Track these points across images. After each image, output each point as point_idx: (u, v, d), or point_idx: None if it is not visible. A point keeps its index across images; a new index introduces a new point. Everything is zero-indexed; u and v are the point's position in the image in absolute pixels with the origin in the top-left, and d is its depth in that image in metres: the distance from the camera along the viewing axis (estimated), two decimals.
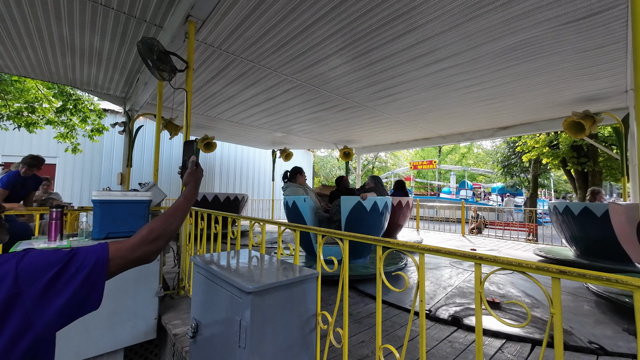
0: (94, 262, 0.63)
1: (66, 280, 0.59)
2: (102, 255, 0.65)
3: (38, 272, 0.57)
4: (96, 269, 0.63)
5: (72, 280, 0.59)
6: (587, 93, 4.19)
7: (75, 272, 0.60)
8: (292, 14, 2.63)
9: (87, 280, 0.61)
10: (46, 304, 0.56)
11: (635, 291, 0.65)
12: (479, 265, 0.90)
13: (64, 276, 0.59)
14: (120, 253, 0.69)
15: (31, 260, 0.58)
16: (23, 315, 0.54)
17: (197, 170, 0.99)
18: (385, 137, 7.66)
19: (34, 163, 3.30)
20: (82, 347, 1.85)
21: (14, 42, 3.35)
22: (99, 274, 0.63)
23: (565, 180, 19.94)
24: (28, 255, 0.59)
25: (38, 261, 0.58)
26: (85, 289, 0.61)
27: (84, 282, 0.61)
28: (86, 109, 6.89)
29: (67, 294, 0.58)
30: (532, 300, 2.70)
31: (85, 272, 0.61)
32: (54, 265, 0.59)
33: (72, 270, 0.60)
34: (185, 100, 2.49)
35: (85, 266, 0.62)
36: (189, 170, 1.00)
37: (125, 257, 0.69)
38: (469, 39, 2.89)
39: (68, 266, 0.60)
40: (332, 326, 1.32)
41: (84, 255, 0.63)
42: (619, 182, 10.27)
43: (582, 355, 1.77)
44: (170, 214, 0.83)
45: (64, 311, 0.58)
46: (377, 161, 27.55)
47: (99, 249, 0.66)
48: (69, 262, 0.61)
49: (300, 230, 1.58)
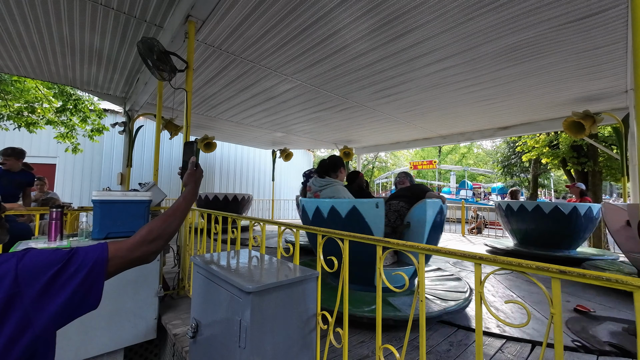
0: (93, 262, 0.63)
1: (65, 280, 0.59)
2: (101, 255, 0.65)
3: (38, 272, 0.57)
4: (95, 268, 0.63)
5: (72, 279, 0.60)
6: (587, 93, 4.19)
7: (74, 271, 0.60)
8: (292, 14, 2.63)
9: (87, 279, 0.61)
10: (45, 303, 0.56)
11: (635, 291, 0.65)
12: (478, 265, 0.90)
13: (63, 275, 0.59)
14: (120, 253, 0.69)
15: (31, 260, 0.58)
16: (22, 314, 0.54)
17: (197, 171, 1.00)
18: (385, 137, 7.67)
19: (8, 152, 3.18)
20: (82, 347, 1.85)
21: (14, 42, 3.35)
22: (98, 273, 0.63)
23: (565, 180, 19.93)
24: (28, 254, 0.59)
25: (38, 260, 0.58)
26: (84, 288, 0.61)
27: (83, 282, 0.61)
28: (86, 109, 6.89)
29: (67, 293, 0.58)
30: (532, 300, 2.70)
31: (84, 271, 0.61)
32: (53, 265, 0.59)
33: (71, 269, 0.60)
34: (185, 100, 2.49)
35: (85, 266, 0.62)
36: (188, 171, 1.00)
37: (124, 257, 0.69)
38: (469, 39, 2.89)
39: (67, 266, 0.60)
40: (332, 326, 1.32)
41: (84, 255, 0.63)
42: (619, 182, 10.27)
43: (582, 355, 1.77)
44: (170, 215, 0.83)
45: (63, 310, 0.58)
46: (377, 161, 27.57)
47: (98, 249, 0.66)
48: (69, 261, 0.61)
49: (300, 230, 1.58)
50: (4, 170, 3.20)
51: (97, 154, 8.75)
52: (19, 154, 3.27)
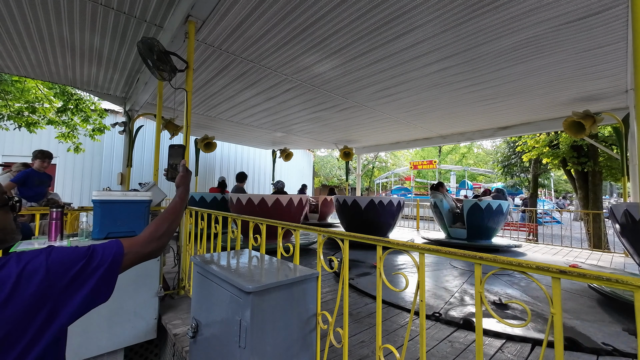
0: (112, 258, 0.71)
1: (89, 274, 0.66)
2: (118, 251, 0.73)
3: (65, 266, 0.63)
4: (114, 264, 0.70)
5: (94, 274, 0.66)
6: (587, 93, 4.19)
7: (96, 266, 0.67)
8: (292, 14, 2.63)
9: (105, 274, 0.68)
10: (70, 295, 0.62)
11: (635, 291, 0.65)
12: (479, 265, 0.90)
13: (87, 270, 0.66)
14: (134, 249, 0.77)
15: (59, 256, 0.63)
16: (52, 305, 0.59)
17: (187, 174, 1.13)
18: (386, 137, 7.67)
19: (47, 154, 3.59)
20: (82, 347, 1.85)
21: (14, 42, 3.35)
22: (115, 268, 0.71)
23: (565, 180, 19.92)
24: (54, 251, 0.64)
25: (64, 256, 0.64)
26: (102, 282, 0.68)
27: (103, 276, 0.68)
28: (87, 109, 6.89)
29: (89, 286, 0.65)
30: (532, 299, 2.70)
31: (105, 266, 0.68)
32: (79, 260, 0.65)
33: (93, 264, 0.67)
34: (185, 100, 2.49)
35: (105, 261, 0.69)
36: (181, 174, 1.12)
37: (137, 252, 0.78)
38: (469, 38, 2.89)
39: (90, 261, 0.67)
40: (332, 326, 1.32)
41: (102, 251, 0.70)
42: (619, 182, 10.27)
43: (582, 355, 1.77)
44: (171, 213, 0.94)
45: (83, 302, 0.64)
46: (377, 161, 27.55)
47: (114, 245, 0.73)
48: (91, 257, 0.67)
49: (301, 231, 1.58)
50: (35, 171, 3.49)
51: (97, 154, 8.74)
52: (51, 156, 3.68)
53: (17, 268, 0.57)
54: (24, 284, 0.57)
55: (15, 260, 0.59)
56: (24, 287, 0.57)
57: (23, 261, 0.59)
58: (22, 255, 0.61)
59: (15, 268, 0.57)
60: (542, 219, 14.06)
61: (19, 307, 0.55)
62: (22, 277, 0.57)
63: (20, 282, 0.56)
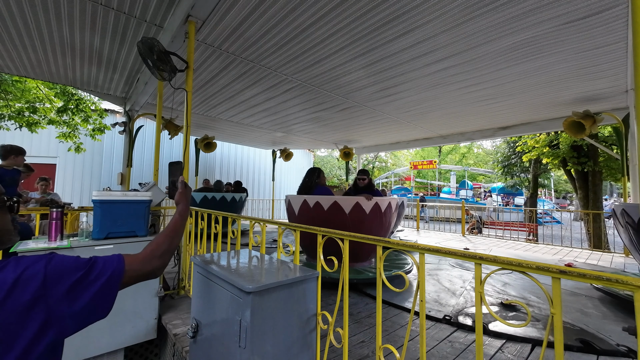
0: (112, 272, 0.68)
1: (86, 286, 0.63)
2: (118, 266, 0.70)
3: (64, 275, 0.61)
4: (113, 278, 0.68)
5: (91, 286, 0.64)
6: (587, 93, 4.18)
7: (94, 279, 0.65)
8: (292, 14, 2.63)
9: (104, 287, 0.65)
10: (67, 305, 0.60)
11: (635, 291, 0.65)
12: (479, 265, 0.90)
13: (85, 281, 0.63)
14: (134, 266, 0.74)
15: (58, 264, 0.62)
16: (46, 315, 0.57)
17: (187, 190, 1.11)
18: (386, 137, 7.66)
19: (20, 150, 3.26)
20: (82, 347, 1.85)
21: (14, 42, 3.35)
22: (114, 283, 0.68)
23: (565, 180, 19.93)
24: (55, 258, 0.63)
25: (64, 264, 0.62)
26: (100, 295, 0.65)
27: (101, 289, 0.65)
28: (88, 109, 6.89)
29: (86, 298, 0.62)
30: (532, 299, 2.70)
31: (103, 279, 0.66)
32: (78, 270, 0.63)
33: (92, 276, 0.64)
34: (185, 100, 2.49)
35: (104, 274, 0.66)
36: (180, 190, 1.10)
37: (138, 269, 0.75)
38: (469, 39, 2.89)
39: (90, 272, 0.64)
40: (332, 326, 1.32)
41: (103, 264, 0.68)
42: (619, 182, 10.26)
43: (582, 355, 1.77)
44: (172, 230, 0.92)
45: (80, 315, 0.62)
46: (377, 161, 27.56)
47: (115, 260, 0.71)
48: (91, 268, 0.65)
49: (301, 230, 1.58)
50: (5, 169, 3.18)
51: (98, 154, 8.74)
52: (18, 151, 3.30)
53: (14, 273, 0.56)
54: (19, 291, 0.55)
55: (14, 265, 0.58)
56: (19, 293, 0.55)
57: (21, 266, 0.58)
58: (21, 260, 0.60)
59: (12, 273, 0.56)
60: (542, 219, 14.07)
61: (11, 313, 0.53)
62: (18, 283, 0.55)
63: (15, 288, 0.55)
